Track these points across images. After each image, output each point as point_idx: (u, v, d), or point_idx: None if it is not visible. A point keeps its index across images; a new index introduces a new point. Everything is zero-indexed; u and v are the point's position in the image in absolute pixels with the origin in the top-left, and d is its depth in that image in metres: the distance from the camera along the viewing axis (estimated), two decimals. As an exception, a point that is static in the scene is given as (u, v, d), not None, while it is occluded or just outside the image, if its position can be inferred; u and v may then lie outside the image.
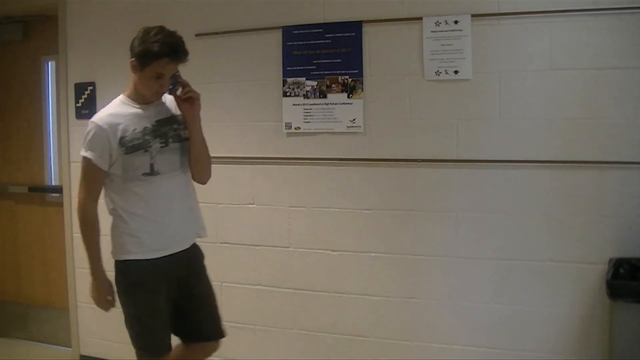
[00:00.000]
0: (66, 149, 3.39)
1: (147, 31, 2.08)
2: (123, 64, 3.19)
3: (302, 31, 2.78)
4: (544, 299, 2.50)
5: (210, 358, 2.29)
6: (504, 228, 2.54)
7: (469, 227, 2.60)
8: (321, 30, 2.75)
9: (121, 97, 2.20)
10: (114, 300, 2.20)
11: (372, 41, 2.70)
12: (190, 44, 2.98)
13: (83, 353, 3.43)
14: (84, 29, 3.28)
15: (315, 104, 2.78)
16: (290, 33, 2.81)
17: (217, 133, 3.01)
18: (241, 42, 2.91)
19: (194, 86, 2.21)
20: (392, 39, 2.66)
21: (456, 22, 2.54)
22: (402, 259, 2.71)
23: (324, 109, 2.77)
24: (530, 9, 2.43)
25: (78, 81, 3.32)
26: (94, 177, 2.13)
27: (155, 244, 2.14)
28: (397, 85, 2.67)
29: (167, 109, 2.25)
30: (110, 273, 2.20)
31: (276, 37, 2.84)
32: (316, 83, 2.77)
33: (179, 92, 2.16)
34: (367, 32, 2.69)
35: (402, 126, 2.68)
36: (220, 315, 2.33)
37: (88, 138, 2.10)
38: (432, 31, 2.58)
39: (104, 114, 2.14)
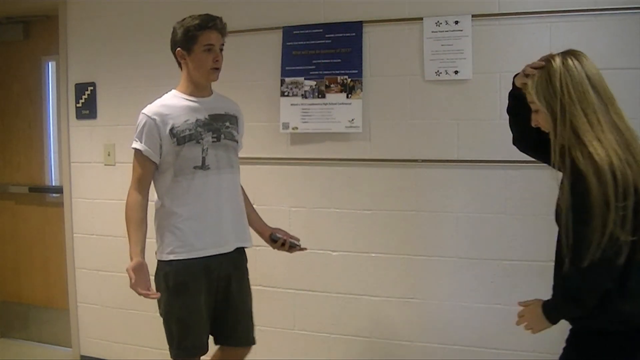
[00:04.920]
0: (66, 149, 3.39)
1: (181, 20, 2.15)
2: (123, 64, 3.25)
3: (302, 31, 2.78)
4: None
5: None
6: (504, 228, 2.54)
7: (469, 227, 2.60)
8: (321, 30, 2.75)
9: (173, 91, 2.19)
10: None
11: (372, 41, 2.70)
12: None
13: (83, 353, 3.43)
14: (84, 29, 3.28)
15: (313, 104, 2.78)
16: (290, 33, 2.81)
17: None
18: (241, 42, 2.91)
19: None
20: (392, 39, 2.66)
21: (456, 22, 2.54)
22: (402, 259, 2.71)
23: (322, 109, 2.77)
24: (530, 9, 2.44)
25: (78, 81, 3.32)
26: (143, 169, 2.11)
27: (199, 243, 2.11)
28: (397, 86, 2.67)
29: (222, 106, 2.24)
30: (153, 270, 2.16)
31: (276, 37, 2.84)
32: (315, 83, 2.76)
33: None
34: (368, 32, 2.69)
35: (402, 126, 2.68)
36: (254, 322, 2.30)
37: (138, 129, 2.10)
38: (432, 31, 2.58)
39: (155, 105, 2.13)
